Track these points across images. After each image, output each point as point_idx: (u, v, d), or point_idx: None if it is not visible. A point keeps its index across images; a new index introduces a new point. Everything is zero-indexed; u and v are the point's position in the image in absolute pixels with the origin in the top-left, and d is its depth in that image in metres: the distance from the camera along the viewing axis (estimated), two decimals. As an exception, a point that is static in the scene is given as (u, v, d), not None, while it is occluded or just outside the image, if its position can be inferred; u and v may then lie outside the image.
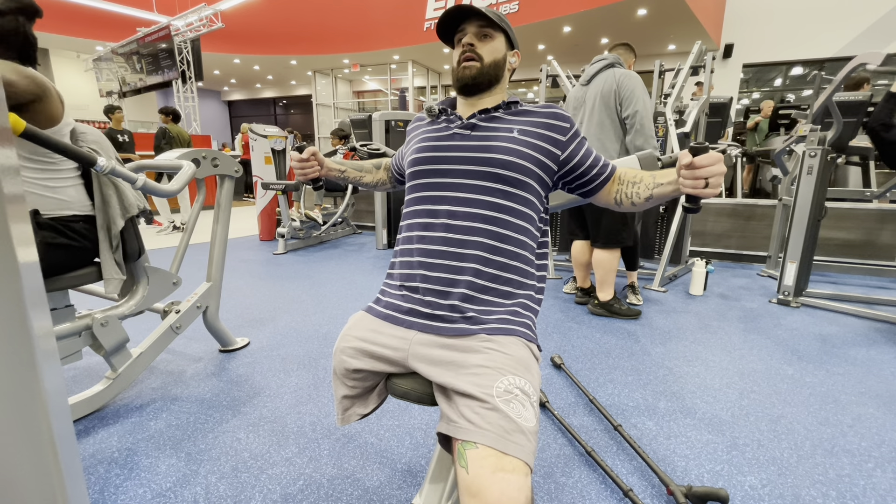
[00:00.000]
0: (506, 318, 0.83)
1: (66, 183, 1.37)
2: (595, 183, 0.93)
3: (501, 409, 0.68)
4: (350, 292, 2.93)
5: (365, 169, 1.18)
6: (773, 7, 8.36)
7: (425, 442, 1.38)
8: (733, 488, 1.19)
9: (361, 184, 1.18)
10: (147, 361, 1.67)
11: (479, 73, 0.92)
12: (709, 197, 0.74)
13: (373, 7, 9.36)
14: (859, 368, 1.89)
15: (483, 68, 0.92)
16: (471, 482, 0.63)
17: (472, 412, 0.69)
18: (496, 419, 0.67)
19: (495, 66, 0.93)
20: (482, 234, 0.85)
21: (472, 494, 0.63)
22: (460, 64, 0.93)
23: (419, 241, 0.89)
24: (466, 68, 0.92)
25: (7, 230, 0.31)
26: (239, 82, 15.41)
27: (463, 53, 0.92)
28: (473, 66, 0.92)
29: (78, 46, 10.74)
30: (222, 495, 1.16)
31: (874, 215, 3.51)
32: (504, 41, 0.94)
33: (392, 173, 1.18)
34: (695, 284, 2.92)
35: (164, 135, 5.41)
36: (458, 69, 0.94)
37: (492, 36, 0.92)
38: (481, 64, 0.92)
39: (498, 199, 0.86)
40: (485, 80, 0.93)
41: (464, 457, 0.66)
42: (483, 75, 0.92)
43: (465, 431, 0.68)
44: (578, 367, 1.88)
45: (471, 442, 0.66)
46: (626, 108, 2.27)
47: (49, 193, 1.34)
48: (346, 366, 0.86)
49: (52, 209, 1.35)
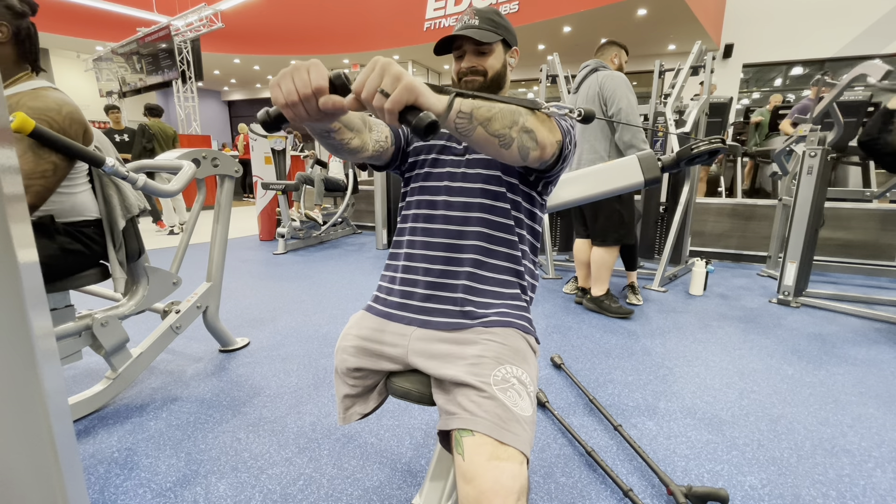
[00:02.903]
0: (503, 310, 0.84)
1: (80, 188, 1.38)
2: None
3: (498, 398, 0.69)
4: (350, 292, 2.93)
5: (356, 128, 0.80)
6: (773, 7, 8.36)
7: (425, 442, 1.38)
8: (733, 488, 1.19)
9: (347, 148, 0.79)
10: (147, 361, 1.67)
11: (481, 87, 0.92)
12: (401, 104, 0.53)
13: (373, 7, 9.36)
14: (859, 368, 1.89)
15: (486, 82, 0.92)
16: (466, 469, 0.64)
17: (468, 401, 0.70)
18: (492, 407, 0.68)
19: (497, 77, 0.93)
20: (478, 235, 0.86)
21: (468, 481, 0.63)
22: (462, 79, 0.93)
23: (417, 243, 0.89)
24: (470, 82, 0.92)
25: (7, 230, 0.31)
26: (239, 82, 15.40)
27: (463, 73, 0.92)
28: (476, 80, 0.92)
29: (78, 46, 10.73)
30: (222, 495, 1.16)
31: (874, 215, 3.51)
32: (502, 48, 0.93)
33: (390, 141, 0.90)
34: (695, 284, 2.92)
35: (143, 133, 5.18)
36: (459, 83, 0.94)
37: (490, 50, 0.91)
38: (484, 79, 0.92)
39: (494, 200, 0.87)
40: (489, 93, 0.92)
41: (460, 444, 0.67)
42: (487, 89, 0.92)
43: (462, 420, 0.68)
44: (578, 367, 1.88)
45: (467, 430, 0.67)
46: (610, 107, 2.30)
47: (65, 199, 1.34)
48: (346, 365, 0.87)
49: (67, 215, 1.36)
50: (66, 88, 7.41)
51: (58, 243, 1.31)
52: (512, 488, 0.61)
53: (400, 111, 0.53)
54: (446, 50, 0.93)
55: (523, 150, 0.70)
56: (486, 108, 0.65)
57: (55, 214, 1.33)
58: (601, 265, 2.52)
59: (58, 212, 1.34)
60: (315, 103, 0.57)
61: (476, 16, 0.91)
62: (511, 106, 0.68)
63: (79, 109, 1.28)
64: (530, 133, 0.70)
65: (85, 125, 1.29)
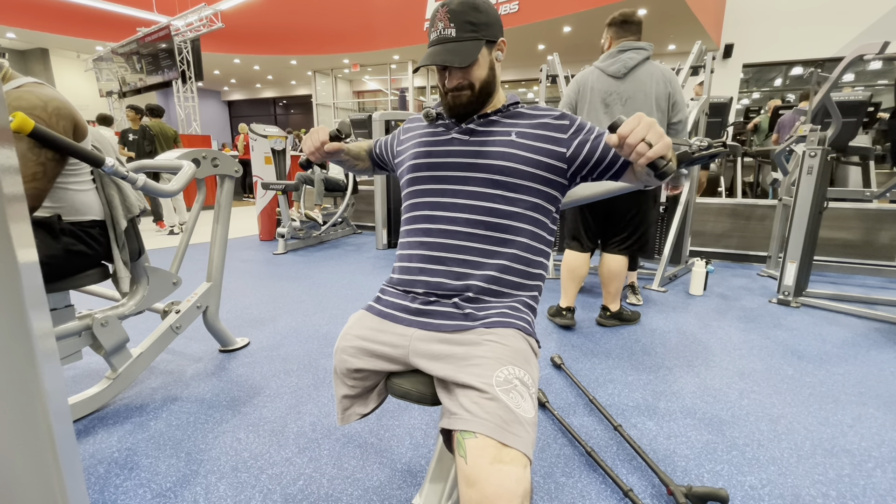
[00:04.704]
0: (504, 312, 0.83)
1: (86, 186, 1.38)
2: (618, 165, 0.86)
3: (501, 399, 0.68)
4: (350, 292, 2.93)
5: (361, 157, 1.15)
6: (773, 7, 8.36)
7: (425, 442, 1.38)
8: (733, 488, 1.19)
9: (354, 170, 1.18)
10: (147, 361, 1.67)
11: (469, 100, 0.89)
12: (659, 154, 0.68)
13: (373, 7, 9.36)
14: (859, 368, 1.89)
15: (473, 95, 0.88)
16: (469, 472, 0.63)
17: (471, 402, 0.69)
18: (495, 409, 0.67)
19: (485, 86, 0.89)
20: (481, 239, 0.85)
21: (470, 484, 0.63)
22: (449, 93, 0.89)
23: (419, 246, 0.89)
24: (457, 97, 0.88)
25: (7, 230, 0.31)
26: (239, 82, 15.41)
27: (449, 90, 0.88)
28: (463, 95, 0.88)
29: (78, 46, 10.74)
30: (222, 495, 1.16)
31: (874, 215, 3.51)
32: (486, 51, 0.87)
33: (372, 159, 1.15)
34: (695, 284, 2.92)
35: (144, 134, 5.15)
36: (447, 98, 0.90)
37: (474, 61, 0.85)
38: (472, 92, 0.88)
39: (497, 203, 0.86)
40: (478, 103, 0.90)
41: (463, 446, 0.66)
42: (477, 100, 0.89)
43: (464, 421, 0.68)
44: (578, 367, 1.88)
45: (470, 432, 0.66)
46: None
47: (73, 197, 1.34)
48: (346, 365, 0.86)
49: (74, 213, 1.35)
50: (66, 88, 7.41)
51: (62, 244, 1.31)
52: (516, 492, 0.61)
53: (656, 158, 0.68)
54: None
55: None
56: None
57: (62, 213, 1.33)
58: (621, 276, 2.26)
59: (64, 209, 1.33)
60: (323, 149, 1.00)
61: (451, 22, 0.83)
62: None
63: (67, 104, 1.23)
64: None
65: (75, 120, 1.25)
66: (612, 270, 2.26)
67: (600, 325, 2.37)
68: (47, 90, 1.21)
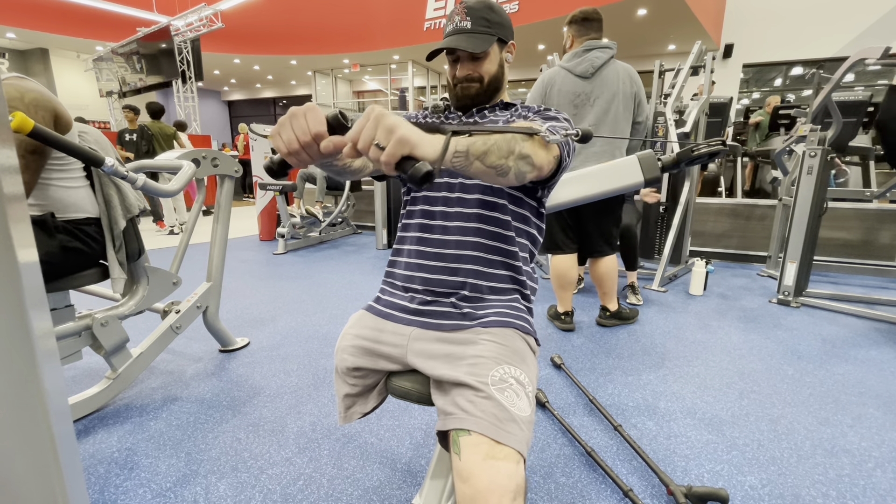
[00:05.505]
0: (502, 311, 0.84)
1: (77, 184, 1.37)
2: None
3: (495, 398, 0.69)
4: (350, 292, 2.93)
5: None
6: (772, 7, 8.36)
7: (425, 442, 1.38)
8: (733, 488, 1.19)
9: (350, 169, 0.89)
10: (147, 361, 1.67)
11: (478, 92, 0.91)
12: (394, 158, 0.52)
13: (373, 7, 9.35)
14: (859, 368, 1.89)
15: (483, 87, 0.90)
16: (462, 468, 0.64)
17: (465, 401, 0.70)
18: (489, 407, 0.68)
19: (494, 80, 0.91)
20: (478, 234, 0.86)
21: (464, 480, 0.64)
22: (458, 84, 0.91)
23: (417, 243, 0.90)
24: (466, 88, 0.90)
25: (7, 230, 0.31)
26: (239, 82, 15.40)
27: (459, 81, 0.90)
28: (473, 87, 0.90)
29: (78, 46, 10.73)
30: (222, 495, 1.16)
31: (874, 215, 3.51)
32: (497, 48, 0.90)
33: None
34: (695, 284, 2.92)
35: (142, 134, 5.19)
36: (455, 89, 0.92)
37: (486, 54, 0.88)
38: (480, 85, 0.90)
39: (492, 210, 0.87)
40: (485, 96, 0.92)
41: (457, 443, 0.67)
42: (484, 94, 0.91)
43: (459, 420, 0.69)
44: (578, 367, 1.88)
45: (464, 429, 0.67)
46: (640, 114, 2.17)
47: (63, 194, 1.34)
48: (346, 364, 0.87)
49: (66, 211, 1.35)
50: (66, 88, 7.38)
51: (57, 241, 1.31)
52: (507, 487, 0.61)
53: (396, 162, 0.53)
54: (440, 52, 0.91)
55: (520, 176, 0.69)
56: (481, 143, 0.63)
57: (55, 211, 1.33)
58: (613, 275, 2.27)
59: (56, 207, 1.33)
60: (316, 148, 0.58)
61: (468, 16, 0.87)
62: (507, 134, 0.67)
63: (47, 95, 1.20)
64: (527, 158, 0.68)
65: (55, 112, 1.22)
66: (602, 271, 2.26)
67: (600, 325, 2.38)
68: (27, 83, 1.19)
